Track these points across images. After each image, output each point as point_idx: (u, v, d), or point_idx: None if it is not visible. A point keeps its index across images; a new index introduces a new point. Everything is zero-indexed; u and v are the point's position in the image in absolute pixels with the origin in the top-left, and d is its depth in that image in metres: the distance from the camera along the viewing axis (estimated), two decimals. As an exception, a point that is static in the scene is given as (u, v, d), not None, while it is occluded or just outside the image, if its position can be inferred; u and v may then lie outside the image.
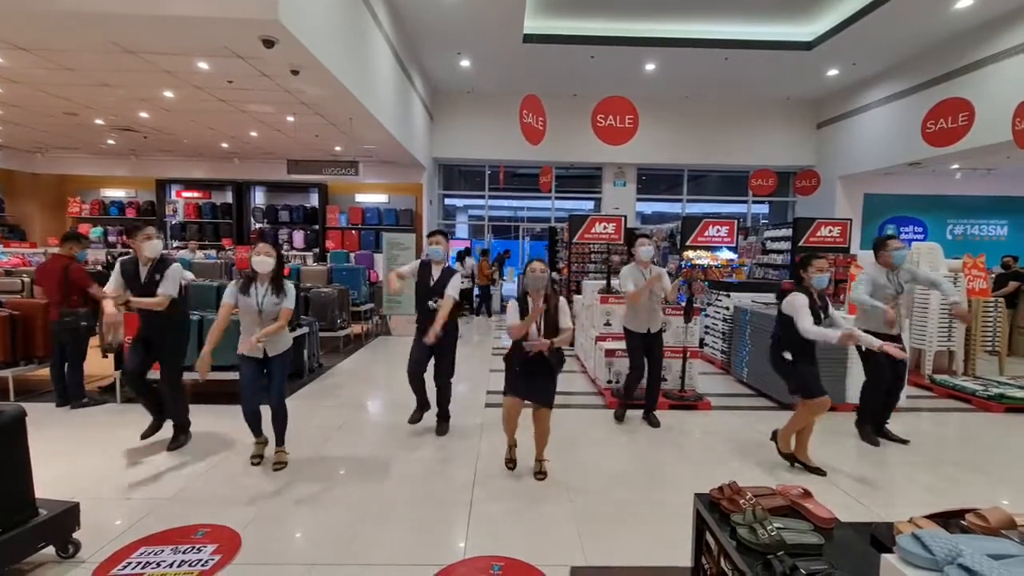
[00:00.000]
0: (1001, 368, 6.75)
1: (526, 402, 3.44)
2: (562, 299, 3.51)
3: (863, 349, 4.27)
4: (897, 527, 1.77)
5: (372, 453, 3.88)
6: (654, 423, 4.57)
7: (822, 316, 3.57)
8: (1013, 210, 13.10)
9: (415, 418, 4.27)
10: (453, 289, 4.04)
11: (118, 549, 2.58)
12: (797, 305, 3.49)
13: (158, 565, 2.46)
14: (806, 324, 3.43)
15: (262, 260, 3.40)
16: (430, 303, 4.07)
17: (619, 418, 4.67)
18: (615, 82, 10.98)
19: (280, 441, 3.65)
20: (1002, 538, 1.43)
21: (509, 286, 13.18)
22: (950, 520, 1.78)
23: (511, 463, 3.63)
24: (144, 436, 3.88)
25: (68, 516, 2.50)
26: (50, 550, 2.45)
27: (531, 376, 3.42)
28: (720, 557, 1.91)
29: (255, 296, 3.42)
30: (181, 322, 3.99)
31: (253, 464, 3.59)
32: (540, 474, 3.51)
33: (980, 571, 1.04)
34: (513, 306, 3.45)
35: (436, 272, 4.13)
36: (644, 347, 4.51)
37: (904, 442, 4.24)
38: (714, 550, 1.97)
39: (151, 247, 3.73)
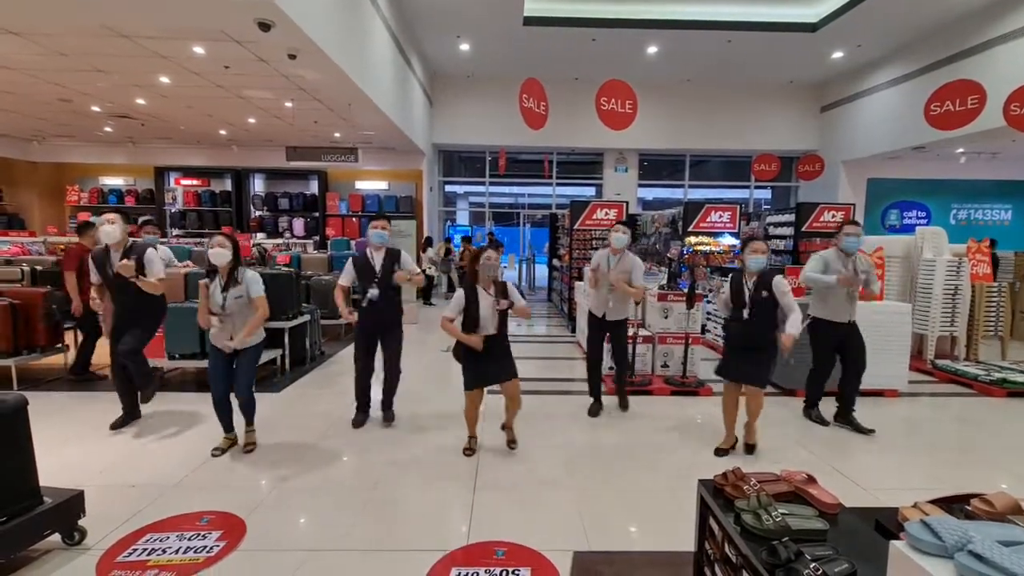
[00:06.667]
0: (1004, 353, 6.75)
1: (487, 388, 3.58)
2: (508, 282, 3.59)
3: (808, 334, 4.33)
4: (902, 512, 1.77)
5: (374, 440, 3.89)
6: (623, 405, 4.54)
7: (743, 302, 3.51)
8: (1018, 194, 12.99)
9: (360, 421, 4.14)
10: (411, 264, 4.04)
11: (124, 536, 2.60)
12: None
13: (163, 551, 2.47)
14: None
15: (218, 252, 3.31)
16: (369, 290, 3.88)
17: (591, 413, 4.46)
18: (617, 65, 10.82)
19: (249, 422, 3.63)
20: (1009, 524, 1.42)
21: (510, 274, 13.13)
22: (954, 505, 1.78)
23: (469, 451, 3.66)
24: (114, 426, 3.97)
25: (73, 504, 2.51)
26: (56, 537, 2.47)
27: (486, 358, 3.46)
28: (724, 542, 1.91)
29: (216, 292, 3.35)
30: (157, 308, 4.00)
31: (213, 455, 3.53)
32: (513, 443, 3.69)
33: (990, 558, 1.03)
34: (458, 296, 3.46)
35: (377, 257, 3.97)
36: (601, 332, 4.42)
37: (869, 432, 4.11)
38: (718, 536, 1.97)
39: (105, 232, 3.70)
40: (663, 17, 9.39)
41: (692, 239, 8.49)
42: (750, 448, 3.70)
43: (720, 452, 3.70)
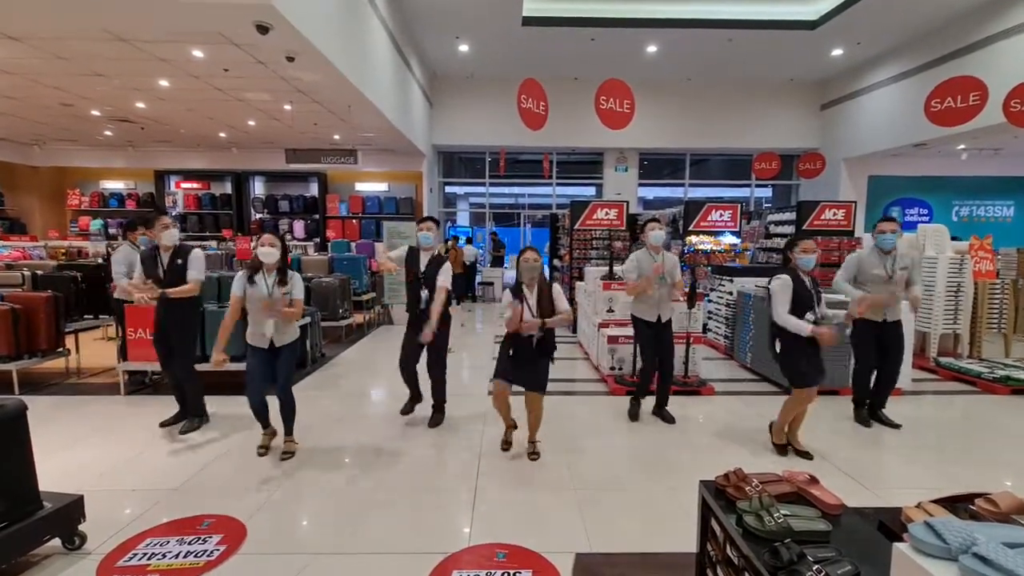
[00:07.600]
0: (1007, 350, 6.71)
1: (514, 387, 3.50)
2: (555, 285, 3.55)
3: (848, 332, 4.26)
4: (905, 513, 1.75)
5: (376, 442, 3.89)
6: (668, 419, 4.29)
7: (814, 302, 3.49)
8: (1020, 190, 12.92)
9: (408, 409, 4.27)
10: (445, 278, 3.93)
11: (124, 540, 2.59)
12: (775, 289, 3.49)
13: (164, 556, 2.46)
14: (780, 310, 3.46)
15: (268, 251, 3.46)
16: (422, 293, 3.94)
17: (633, 416, 4.37)
18: (616, 65, 10.81)
19: (289, 431, 3.67)
20: (1015, 524, 1.40)
21: (512, 275, 13.11)
22: (958, 505, 1.76)
23: (507, 444, 3.67)
24: (164, 424, 4.09)
25: (73, 508, 2.50)
26: (56, 542, 2.46)
27: (522, 361, 3.45)
28: (726, 544, 1.89)
29: (263, 285, 3.45)
30: (192, 308, 4.06)
31: (259, 455, 3.59)
32: (533, 455, 3.59)
33: (996, 560, 1.02)
34: (507, 297, 3.49)
35: (424, 259, 3.99)
36: (653, 336, 4.26)
37: (896, 426, 4.20)
38: (720, 537, 1.96)
39: (168, 236, 3.82)
40: (662, 16, 9.37)
41: (693, 238, 8.49)
42: (784, 450, 3.68)
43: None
